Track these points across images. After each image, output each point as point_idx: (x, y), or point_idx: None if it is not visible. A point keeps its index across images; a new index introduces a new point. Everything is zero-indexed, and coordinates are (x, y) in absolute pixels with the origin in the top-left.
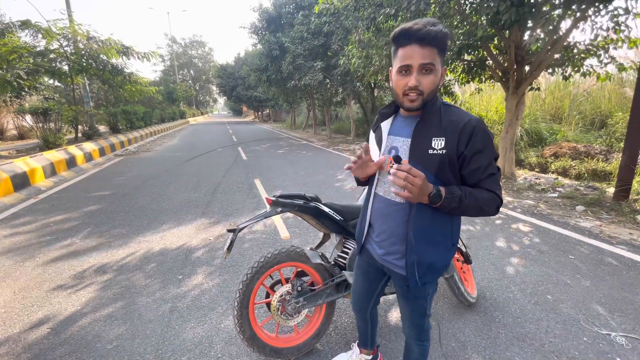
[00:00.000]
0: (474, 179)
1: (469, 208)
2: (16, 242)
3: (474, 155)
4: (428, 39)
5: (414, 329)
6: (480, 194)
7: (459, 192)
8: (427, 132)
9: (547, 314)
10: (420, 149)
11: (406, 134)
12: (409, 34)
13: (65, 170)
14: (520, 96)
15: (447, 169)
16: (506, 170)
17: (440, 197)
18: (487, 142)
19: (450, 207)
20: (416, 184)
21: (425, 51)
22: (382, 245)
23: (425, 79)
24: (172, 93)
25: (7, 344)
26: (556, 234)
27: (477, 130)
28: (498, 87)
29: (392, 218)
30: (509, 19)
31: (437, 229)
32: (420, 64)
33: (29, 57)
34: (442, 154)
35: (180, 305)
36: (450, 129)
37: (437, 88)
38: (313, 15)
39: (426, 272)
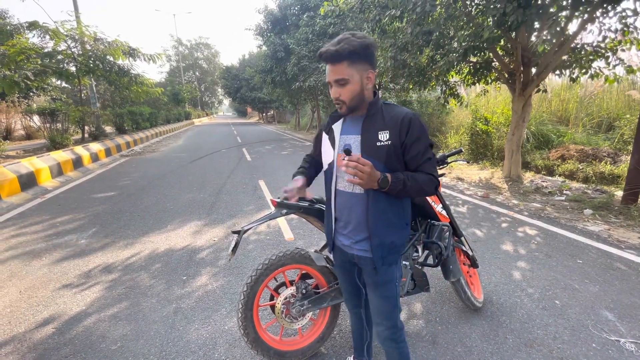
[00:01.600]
0: (415, 164)
1: (412, 189)
2: (22, 242)
3: (413, 144)
4: (333, 58)
5: (386, 325)
6: (419, 177)
7: (402, 177)
8: (373, 127)
9: (555, 320)
10: (369, 143)
11: (355, 131)
12: (320, 56)
13: (72, 171)
14: (526, 98)
15: (394, 158)
16: (512, 173)
17: (387, 182)
18: (422, 131)
19: (397, 190)
20: (365, 171)
21: (336, 68)
22: (349, 235)
23: (343, 90)
24: (177, 94)
25: (12, 343)
26: (564, 237)
27: (413, 122)
28: (504, 89)
29: (354, 209)
30: (516, 21)
31: (392, 211)
32: (334, 79)
33: (36, 58)
34: (388, 145)
35: (184, 306)
36: (392, 123)
37: (359, 93)
38: (318, 16)
39: (389, 251)
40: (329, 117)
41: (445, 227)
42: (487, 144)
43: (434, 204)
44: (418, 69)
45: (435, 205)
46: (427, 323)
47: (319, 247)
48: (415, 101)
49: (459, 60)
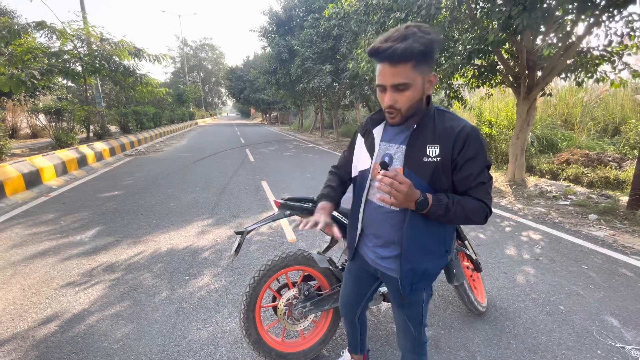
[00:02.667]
0: (464, 186)
1: (456, 216)
2: (27, 240)
3: (466, 163)
4: (396, 57)
5: (409, 341)
6: (468, 203)
7: (445, 200)
8: (423, 139)
9: (559, 325)
10: (415, 157)
11: (400, 140)
12: (377, 53)
13: (77, 169)
14: (531, 102)
15: (441, 177)
16: (516, 177)
17: (427, 204)
18: (479, 150)
19: (437, 215)
20: (402, 190)
21: (397, 70)
22: (376, 250)
23: (401, 96)
24: (181, 95)
25: (15, 341)
26: (568, 242)
27: (471, 137)
28: (509, 92)
29: (386, 224)
30: (521, 24)
31: (430, 236)
32: (392, 84)
33: (43, 57)
34: (436, 162)
35: (186, 306)
36: (444, 136)
37: (419, 101)
38: (322, 18)
39: (420, 278)
40: (369, 118)
41: None
42: (491, 147)
43: None
44: None
45: None
46: (429, 327)
47: (321, 249)
48: None
49: (464, 63)
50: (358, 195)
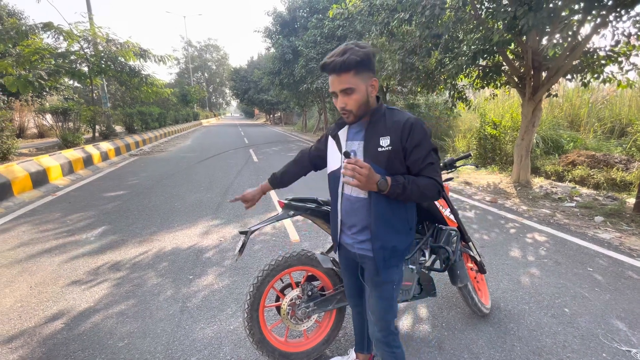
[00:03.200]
0: (416, 168)
1: (413, 193)
2: (34, 238)
3: (414, 149)
4: (338, 69)
5: (379, 326)
6: (421, 181)
7: (402, 180)
8: (375, 133)
9: (564, 328)
10: (371, 149)
11: (359, 137)
12: (325, 67)
13: (82, 169)
14: (537, 102)
15: (395, 163)
16: (521, 178)
17: (386, 184)
18: (424, 136)
19: (396, 193)
20: (363, 173)
21: (341, 78)
22: (354, 237)
23: (349, 99)
24: (186, 95)
25: (22, 337)
26: (573, 244)
27: (415, 126)
28: (514, 93)
29: (359, 212)
30: (527, 24)
31: (394, 216)
32: (340, 89)
33: (50, 58)
34: (388, 150)
35: (190, 305)
36: (393, 129)
37: (366, 102)
38: (327, 19)
39: (391, 255)
40: (335, 123)
41: (453, 231)
42: (496, 148)
43: (441, 208)
44: (426, 72)
45: (443, 210)
46: (433, 328)
47: (325, 249)
48: (423, 104)
49: (468, 63)
50: (334, 192)
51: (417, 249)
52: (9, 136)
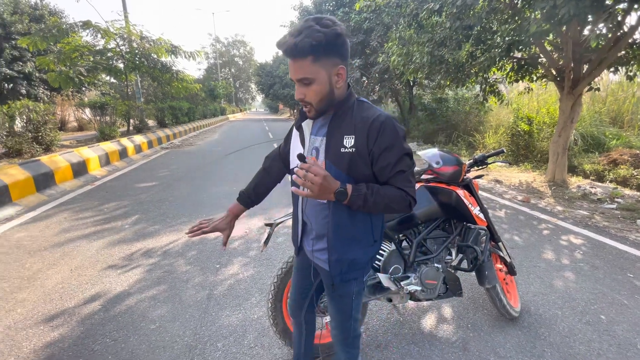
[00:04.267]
0: (384, 176)
1: (376, 205)
2: (74, 224)
3: (382, 152)
4: (293, 53)
5: (340, 332)
6: (388, 192)
7: (364, 190)
8: (340, 130)
9: (599, 335)
10: (333, 148)
11: (323, 133)
12: (279, 47)
13: (118, 160)
14: (576, 97)
15: (358, 167)
16: (557, 177)
17: (345, 195)
18: (395, 138)
19: (357, 205)
20: (315, 181)
21: (297, 64)
22: (312, 242)
23: (308, 90)
24: (213, 90)
25: (63, 317)
26: (613, 249)
27: (384, 126)
28: (550, 87)
29: (318, 217)
30: (567, 14)
31: (355, 227)
32: (296, 78)
33: (89, 55)
34: (351, 152)
35: (217, 293)
36: (360, 126)
37: (328, 93)
38: (353, 12)
39: (349, 269)
40: (300, 112)
41: (482, 230)
42: (529, 145)
43: (470, 206)
44: (456, 65)
45: (472, 208)
46: (457, 329)
47: None
48: (451, 99)
49: (502, 55)
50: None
51: (444, 247)
52: (51, 129)
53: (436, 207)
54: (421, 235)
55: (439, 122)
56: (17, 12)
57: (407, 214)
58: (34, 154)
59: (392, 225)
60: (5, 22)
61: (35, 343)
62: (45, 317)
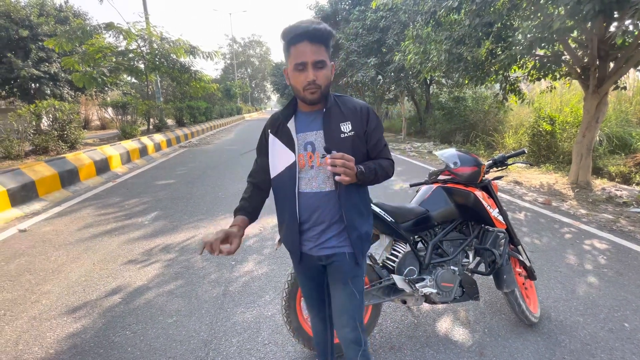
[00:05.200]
0: (376, 151)
1: (381, 175)
2: (97, 220)
3: (373, 132)
4: (317, 37)
5: (352, 325)
6: (384, 163)
7: (373, 166)
8: (335, 120)
9: (622, 344)
10: (333, 136)
11: (315, 127)
12: (299, 31)
13: (138, 158)
14: (602, 96)
15: (359, 147)
16: (580, 179)
17: (363, 174)
18: (378, 120)
19: (369, 179)
20: (351, 167)
21: (315, 48)
22: (318, 237)
23: (319, 73)
24: (229, 90)
25: (85, 308)
26: (638, 254)
27: (370, 112)
28: (574, 86)
29: (326, 206)
30: (593, 10)
31: (361, 202)
32: (313, 61)
33: (111, 56)
34: (352, 136)
35: (232, 290)
36: (352, 114)
37: (330, 82)
38: (369, 10)
39: (365, 241)
40: (279, 115)
41: (501, 233)
42: (551, 145)
43: (489, 208)
44: (475, 63)
45: (491, 210)
46: (474, 333)
47: None
48: (469, 97)
49: (523, 53)
50: (288, 191)
51: (460, 249)
52: (76, 127)
53: (453, 208)
54: (437, 237)
55: (457, 121)
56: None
57: (423, 215)
58: (59, 151)
59: (407, 227)
60: (32, 23)
61: (59, 334)
62: (68, 308)
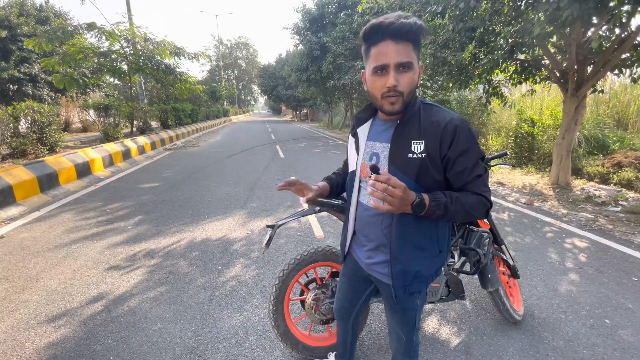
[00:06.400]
0: (460, 182)
1: (457, 214)
2: (77, 225)
3: (458, 157)
4: (402, 33)
5: (402, 344)
6: (467, 199)
7: (444, 199)
8: (406, 135)
9: (604, 340)
10: (399, 154)
11: (386, 138)
12: (381, 29)
13: (121, 162)
14: (580, 99)
15: (428, 174)
16: (560, 180)
17: (424, 206)
18: (471, 142)
19: (436, 215)
20: (396, 195)
21: (400, 47)
22: (369, 254)
23: (403, 77)
24: (215, 91)
25: (65, 317)
26: (617, 252)
27: (460, 130)
28: (554, 89)
29: (375, 226)
30: (571, 15)
31: (421, 235)
32: (397, 62)
33: (93, 57)
34: (422, 158)
35: (218, 295)
36: (430, 131)
37: (416, 87)
38: (356, 14)
39: (413, 281)
40: (354, 118)
41: (485, 233)
42: (533, 147)
43: None
44: (459, 66)
45: None
46: (460, 332)
47: None
48: (454, 100)
49: (505, 57)
50: (349, 196)
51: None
52: (56, 130)
53: None
54: None
55: None
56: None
57: None
58: (38, 154)
59: None
60: (11, 24)
61: (38, 343)
62: (47, 317)
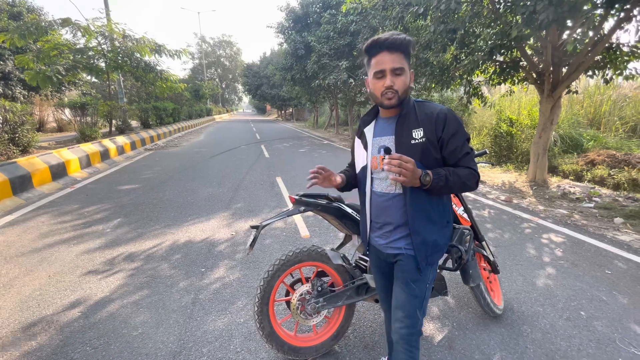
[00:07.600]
0: (454, 158)
1: (454, 184)
2: (52, 229)
3: (450, 138)
4: (395, 46)
5: (406, 323)
6: (461, 172)
7: (443, 172)
8: (407, 126)
9: (579, 331)
10: (404, 142)
11: (389, 132)
12: (379, 43)
13: (99, 162)
14: (555, 99)
15: (430, 154)
16: (538, 177)
17: (429, 178)
18: (458, 126)
19: (438, 186)
20: (409, 168)
21: (394, 56)
22: (388, 235)
23: (398, 79)
24: (198, 90)
25: (41, 324)
26: (591, 246)
27: (449, 117)
28: (531, 90)
29: (393, 208)
30: (547, 19)
31: (432, 209)
32: (391, 68)
33: (69, 53)
34: (423, 142)
35: (202, 298)
36: (426, 120)
37: (408, 88)
38: (340, 14)
39: (433, 250)
40: (361, 120)
41: (466, 230)
42: (511, 146)
43: (455, 207)
44: (441, 67)
45: (457, 208)
46: (443, 327)
47: (335, 246)
48: (436, 100)
49: (485, 59)
50: (363, 190)
51: None
52: (29, 130)
53: None
54: None
55: None
56: None
57: None
58: (10, 155)
59: None
60: None
61: (12, 353)
62: (22, 325)
